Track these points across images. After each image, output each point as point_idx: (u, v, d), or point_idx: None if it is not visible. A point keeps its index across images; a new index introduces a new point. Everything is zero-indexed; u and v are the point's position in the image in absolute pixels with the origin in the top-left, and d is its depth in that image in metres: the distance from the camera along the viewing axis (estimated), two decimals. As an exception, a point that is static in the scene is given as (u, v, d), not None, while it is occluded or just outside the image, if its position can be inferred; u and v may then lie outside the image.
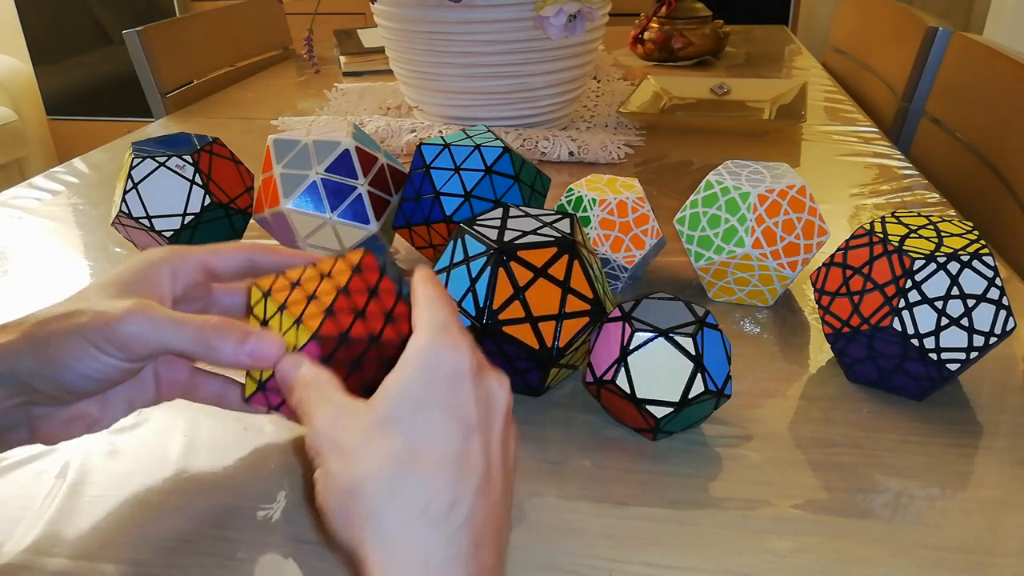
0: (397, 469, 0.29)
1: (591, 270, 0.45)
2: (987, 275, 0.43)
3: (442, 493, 0.29)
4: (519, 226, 0.46)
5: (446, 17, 0.86)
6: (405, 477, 0.29)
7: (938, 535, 0.37)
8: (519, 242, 0.44)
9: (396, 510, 0.28)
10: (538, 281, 0.43)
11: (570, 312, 0.44)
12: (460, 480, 0.29)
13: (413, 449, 0.29)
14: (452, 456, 0.29)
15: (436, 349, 0.31)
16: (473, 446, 0.30)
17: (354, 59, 1.40)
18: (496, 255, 0.43)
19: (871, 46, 1.42)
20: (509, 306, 0.43)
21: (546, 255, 0.44)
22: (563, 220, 0.47)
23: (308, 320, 0.36)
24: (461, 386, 0.31)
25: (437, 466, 0.29)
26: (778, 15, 2.38)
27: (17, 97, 2.79)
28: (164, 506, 0.40)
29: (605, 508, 0.39)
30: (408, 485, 0.29)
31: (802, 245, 0.54)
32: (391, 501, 0.28)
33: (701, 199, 0.56)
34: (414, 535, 0.28)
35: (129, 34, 1.22)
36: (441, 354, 0.31)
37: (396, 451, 0.29)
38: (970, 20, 2.35)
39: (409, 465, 0.29)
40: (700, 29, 1.37)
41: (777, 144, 0.95)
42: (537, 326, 0.43)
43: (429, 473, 0.29)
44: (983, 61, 1.00)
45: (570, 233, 0.45)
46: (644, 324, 0.41)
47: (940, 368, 0.44)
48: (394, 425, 0.30)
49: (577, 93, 0.99)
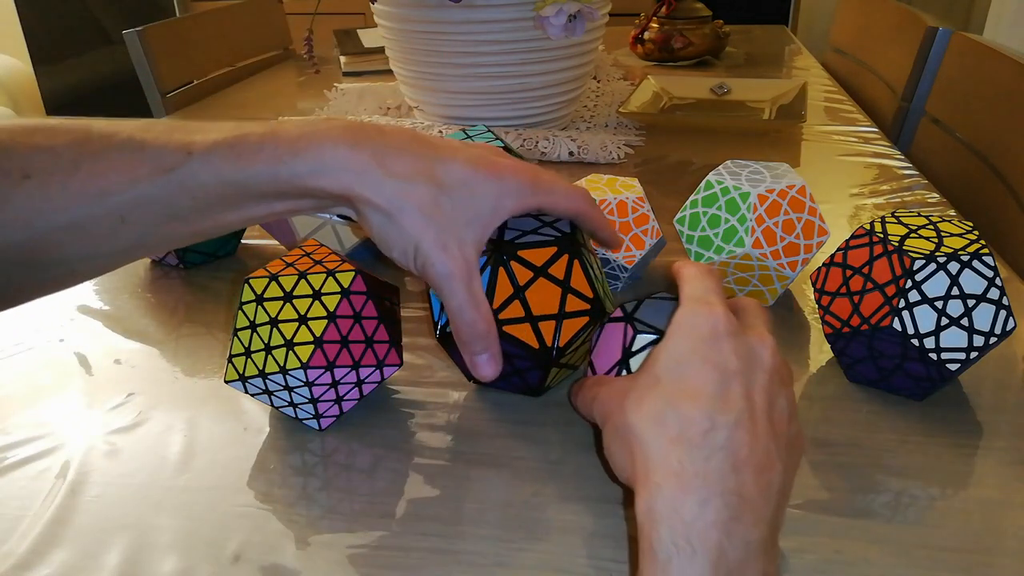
0: (663, 407, 0.32)
1: (591, 270, 0.45)
2: (987, 275, 0.43)
3: (698, 420, 0.31)
4: (519, 225, 0.46)
5: (446, 17, 0.86)
6: (668, 410, 0.32)
7: (938, 535, 0.37)
8: (519, 241, 0.44)
9: (658, 435, 0.32)
10: (538, 281, 0.43)
11: (570, 312, 0.44)
12: (718, 411, 0.31)
13: (675, 390, 0.32)
14: (710, 394, 0.32)
15: (694, 314, 0.34)
16: (732, 388, 0.32)
17: (354, 59, 1.40)
18: (496, 254, 0.43)
19: (871, 46, 1.42)
20: (509, 305, 0.43)
21: (546, 254, 0.44)
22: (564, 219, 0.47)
23: (299, 350, 0.42)
24: (719, 342, 0.33)
25: (695, 401, 0.32)
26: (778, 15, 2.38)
27: (17, 97, 2.79)
28: (164, 506, 0.40)
29: (605, 508, 0.39)
30: (669, 415, 0.32)
31: (802, 245, 0.54)
32: (655, 429, 0.32)
33: (701, 199, 0.56)
34: (671, 451, 0.31)
35: (129, 34, 1.22)
36: (698, 317, 0.34)
37: (663, 395, 0.32)
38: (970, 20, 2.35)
39: (671, 402, 0.32)
40: (700, 29, 1.37)
41: (777, 144, 0.95)
42: (537, 325, 0.43)
43: (687, 406, 0.32)
44: (983, 61, 1.00)
45: (571, 232, 0.45)
46: (646, 326, 0.41)
47: (940, 368, 0.44)
48: (662, 379, 0.33)
49: (577, 93, 0.99)
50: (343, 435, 0.45)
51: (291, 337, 0.42)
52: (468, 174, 0.39)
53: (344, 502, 0.40)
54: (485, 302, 0.40)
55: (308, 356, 0.42)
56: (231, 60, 1.47)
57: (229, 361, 0.44)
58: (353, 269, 0.44)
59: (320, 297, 0.43)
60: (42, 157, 0.34)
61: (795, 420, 0.35)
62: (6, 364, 0.53)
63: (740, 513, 0.29)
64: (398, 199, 0.37)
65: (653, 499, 0.30)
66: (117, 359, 0.54)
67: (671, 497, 0.30)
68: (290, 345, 0.42)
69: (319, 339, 0.42)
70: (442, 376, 0.50)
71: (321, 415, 0.44)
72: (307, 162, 0.36)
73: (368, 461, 0.43)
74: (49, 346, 0.55)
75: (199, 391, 0.50)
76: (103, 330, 0.57)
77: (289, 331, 0.42)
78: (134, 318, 0.59)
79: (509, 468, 0.42)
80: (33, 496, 0.41)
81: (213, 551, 0.37)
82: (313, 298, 0.43)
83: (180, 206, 0.36)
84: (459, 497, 0.41)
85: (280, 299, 0.43)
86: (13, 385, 0.51)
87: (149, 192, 0.35)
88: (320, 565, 0.37)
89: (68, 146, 0.34)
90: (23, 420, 0.47)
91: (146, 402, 0.49)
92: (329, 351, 0.42)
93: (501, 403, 0.48)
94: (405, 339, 0.53)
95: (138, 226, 0.35)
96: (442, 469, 0.43)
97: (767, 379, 0.33)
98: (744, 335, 0.34)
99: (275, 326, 0.43)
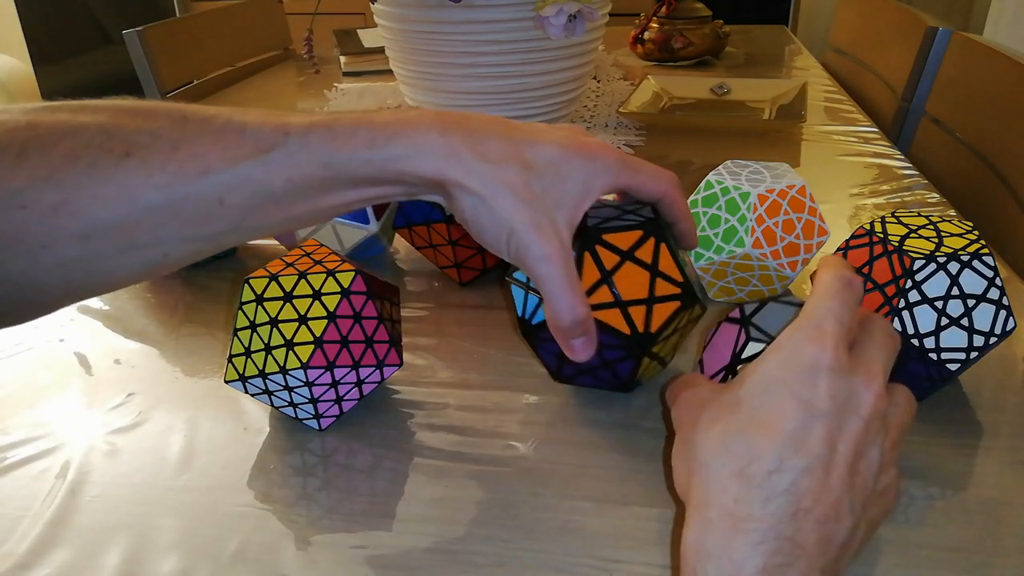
0: (733, 433, 0.31)
1: (678, 253, 0.43)
2: (987, 275, 0.43)
3: (767, 457, 0.29)
4: (600, 213, 0.44)
5: (446, 17, 0.86)
6: (737, 438, 0.30)
7: (938, 535, 0.37)
8: (603, 226, 0.43)
9: (721, 464, 0.30)
10: (625, 264, 0.42)
11: (660, 296, 0.42)
12: (789, 453, 0.29)
13: (751, 418, 0.31)
14: (787, 431, 0.30)
15: (800, 340, 0.31)
16: (814, 431, 0.30)
17: (354, 59, 1.40)
18: (581, 239, 0.42)
19: (871, 46, 1.42)
20: (597, 290, 0.42)
21: (632, 238, 0.42)
22: (644, 207, 0.45)
23: (299, 350, 0.42)
24: (816, 377, 0.30)
25: (768, 435, 0.30)
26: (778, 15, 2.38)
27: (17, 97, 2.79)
28: (164, 506, 0.40)
29: (605, 508, 0.39)
30: (737, 444, 0.30)
31: (802, 245, 0.54)
32: (719, 456, 0.30)
33: (701, 199, 0.56)
34: (731, 486, 0.30)
35: (129, 34, 1.22)
36: (802, 345, 0.31)
37: (738, 421, 0.31)
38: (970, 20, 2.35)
39: (743, 431, 0.30)
40: (700, 29, 1.37)
41: (777, 144, 0.95)
42: (627, 311, 0.42)
43: (759, 438, 0.30)
44: (983, 61, 1.00)
45: (654, 217, 0.43)
46: (761, 332, 0.39)
47: (940, 368, 0.44)
48: (744, 402, 0.31)
49: (577, 93, 0.99)
50: (343, 435, 0.45)
51: (291, 337, 0.42)
52: (558, 155, 0.38)
53: (344, 502, 0.40)
54: (580, 284, 0.38)
55: (308, 356, 0.42)
56: (231, 60, 1.47)
57: (229, 361, 0.44)
58: (353, 269, 0.44)
59: (320, 297, 0.43)
60: (143, 137, 0.34)
61: (888, 472, 0.32)
62: (6, 364, 0.53)
63: (793, 560, 0.28)
64: (491, 182, 0.36)
65: (704, 534, 0.29)
66: (117, 359, 0.54)
67: (722, 535, 0.29)
68: (290, 345, 0.42)
69: (319, 339, 0.42)
70: (442, 376, 0.50)
71: (321, 415, 0.44)
72: (400, 147, 0.36)
73: (368, 461, 0.43)
74: (49, 346, 0.55)
75: (199, 391, 0.50)
76: (103, 330, 0.57)
77: (289, 331, 0.42)
78: (134, 318, 0.59)
79: (509, 468, 0.42)
80: (33, 496, 0.41)
81: (213, 551, 0.37)
82: (313, 298, 0.43)
83: (277, 188, 0.35)
84: (459, 497, 0.41)
85: (280, 299, 0.43)
86: (13, 385, 0.51)
87: (248, 172, 0.35)
88: (320, 565, 0.37)
89: (167, 127, 0.35)
90: (23, 420, 0.47)
91: (146, 402, 0.49)
92: (329, 351, 0.42)
93: (501, 404, 0.48)
94: (405, 339, 0.53)
95: (235, 209, 0.35)
96: (442, 469, 0.43)
97: (861, 427, 0.30)
98: (849, 375, 0.31)
99: (275, 326, 0.43)
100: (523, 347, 0.53)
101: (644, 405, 0.47)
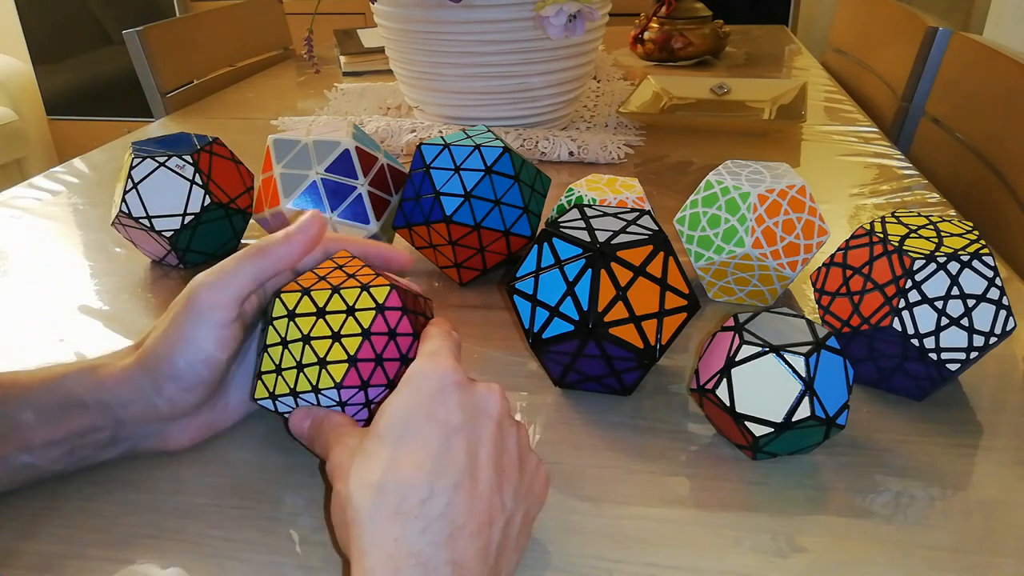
0: (383, 474, 0.31)
1: (681, 266, 0.46)
2: (987, 275, 0.43)
3: (417, 488, 0.31)
4: (605, 225, 0.45)
5: (446, 17, 0.86)
6: (389, 478, 0.31)
7: (938, 535, 0.37)
8: (615, 242, 0.44)
9: (377, 508, 0.31)
10: (638, 280, 0.43)
11: (669, 309, 0.44)
12: (437, 476, 0.31)
13: (395, 455, 0.32)
14: (431, 456, 0.31)
15: (422, 369, 0.34)
16: (454, 446, 0.32)
17: (354, 59, 1.40)
18: (596, 256, 0.43)
19: (871, 46, 1.42)
20: (613, 307, 0.43)
21: (643, 253, 0.44)
22: (643, 216, 0.47)
23: (333, 368, 0.40)
24: (445, 396, 0.33)
25: (416, 465, 0.31)
26: (778, 15, 2.38)
27: (17, 97, 2.79)
28: (164, 506, 0.40)
29: (605, 508, 0.39)
30: (390, 484, 0.31)
31: (802, 245, 0.54)
32: (375, 501, 0.31)
33: (701, 199, 0.56)
34: (389, 526, 0.30)
35: (129, 34, 1.23)
36: (426, 372, 0.34)
37: (384, 459, 0.32)
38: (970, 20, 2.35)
39: (393, 468, 0.31)
40: (700, 29, 1.37)
41: (777, 144, 0.95)
42: (640, 325, 0.43)
43: (408, 472, 0.31)
44: (983, 61, 1.00)
45: (659, 229, 0.45)
46: (755, 337, 0.40)
47: (940, 368, 0.44)
48: (385, 439, 0.32)
49: (577, 93, 0.99)
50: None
51: (324, 355, 0.40)
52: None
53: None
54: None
55: (342, 375, 0.39)
56: (231, 60, 1.47)
57: (259, 378, 0.41)
58: (388, 284, 0.41)
59: (354, 313, 0.40)
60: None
61: (530, 456, 0.35)
62: (6, 364, 0.53)
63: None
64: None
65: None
66: (117, 359, 0.54)
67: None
68: (323, 363, 0.40)
69: (353, 357, 0.40)
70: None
71: None
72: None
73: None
74: (49, 346, 0.55)
75: (199, 391, 0.50)
76: (103, 330, 0.57)
77: (322, 348, 0.40)
78: (134, 318, 0.59)
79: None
80: (33, 496, 0.41)
81: (214, 551, 0.37)
82: (347, 314, 0.40)
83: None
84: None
85: (313, 315, 0.40)
86: (13, 385, 0.51)
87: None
88: (321, 565, 0.37)
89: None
90: (23, 420, 0.47)
91: (146, 402, 0.49)
92: (363, 370, 0.40)
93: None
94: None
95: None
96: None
97: (494, 427, 0.33)
98: (471, 386, 0.34)
99: (307, 343, 0.40)
100: (523, 347, 0.53)
101: (644, 405, 0.47)
